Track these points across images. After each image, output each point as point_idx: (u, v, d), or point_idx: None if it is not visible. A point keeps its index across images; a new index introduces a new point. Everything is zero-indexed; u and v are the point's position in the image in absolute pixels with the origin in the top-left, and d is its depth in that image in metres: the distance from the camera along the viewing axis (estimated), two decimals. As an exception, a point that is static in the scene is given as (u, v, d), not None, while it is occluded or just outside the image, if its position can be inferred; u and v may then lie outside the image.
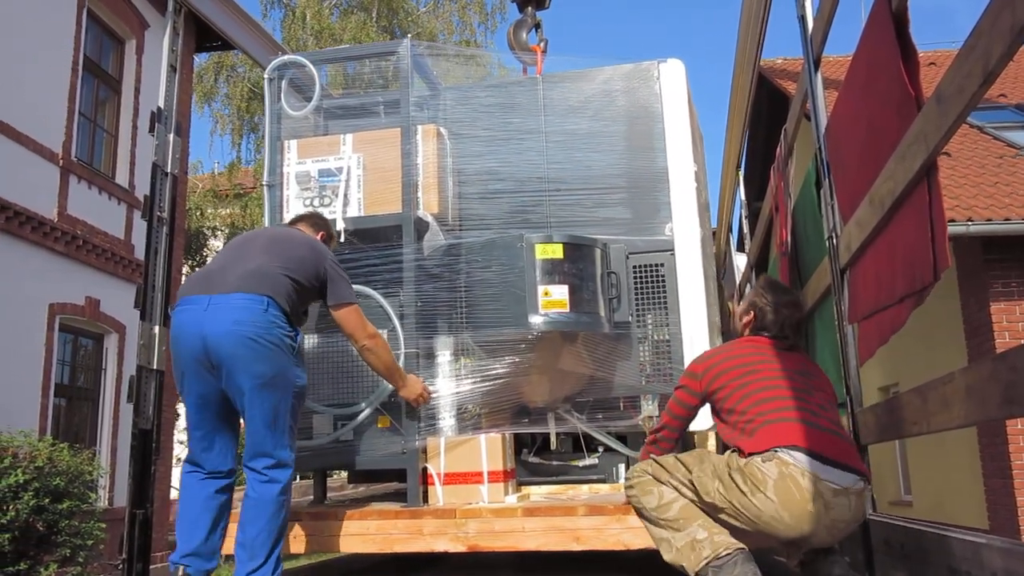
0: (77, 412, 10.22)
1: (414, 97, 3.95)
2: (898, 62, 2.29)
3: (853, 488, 2.46)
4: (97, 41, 10.81)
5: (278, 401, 2.95)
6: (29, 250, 9.10)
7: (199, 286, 3.07)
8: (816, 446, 2.47)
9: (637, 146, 4.05)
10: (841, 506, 2.44)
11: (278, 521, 2.95)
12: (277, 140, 4.07)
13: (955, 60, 1.83)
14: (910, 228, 2.29)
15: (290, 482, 3.03)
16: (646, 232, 3.94)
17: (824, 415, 2.59)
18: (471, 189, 4.13)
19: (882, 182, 2.48)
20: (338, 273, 3.26)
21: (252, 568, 2.88)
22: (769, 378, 2.68)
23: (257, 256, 3.11)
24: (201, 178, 20.81)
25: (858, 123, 2.88)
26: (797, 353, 2.87)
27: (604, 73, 4.18)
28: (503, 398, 3.69)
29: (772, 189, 5.47)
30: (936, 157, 2.09)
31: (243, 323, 2.90)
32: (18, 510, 4.41)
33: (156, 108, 3.62)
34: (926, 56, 13.20)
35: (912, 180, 2.20)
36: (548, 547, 3.27)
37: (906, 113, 2.24)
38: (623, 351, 3.84)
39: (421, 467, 3.61)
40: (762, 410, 2.60)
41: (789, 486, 2.42)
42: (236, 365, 2.88)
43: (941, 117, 1.94)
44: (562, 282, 3.67)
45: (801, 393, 2.63)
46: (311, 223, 3.57)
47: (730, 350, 2.89)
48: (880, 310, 2.64)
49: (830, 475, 2.44)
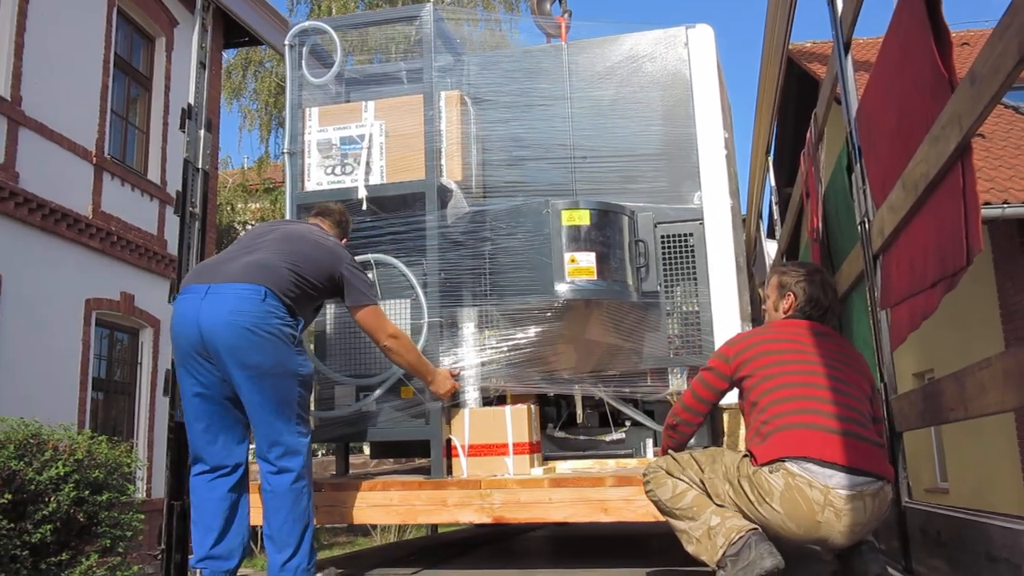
0: (114, 405, 10.39)
1: (437, 63, 3.88)
2: (930, 43, 2.26)
3: (868, 491, 2.41)
4: (128, 39, 10.93)
5: (281, 390, 2.91)
6: (65, 247, 9.25)
7: (201, 275, 3.04)
8: (827, 453, 2.43)
9: (665, 113, 3.97)
10: (855, 510, 2.40)
11: (300, 508, 2.93)
12: (298, 108, 4.01)
13: (989, 39, 1.80)
14: (943, 212, 2.26)
15: (306, 469, 2.97)
16: (674, 201, 3.85)
17: (847, 413, 2.52)
18: (495, 156, 4.06)
19: (915, 165, 2.45)
20: (356, 275, 3.21)
21: (284, 559, 2.88)
22: (796, 371, 2.63)
23: (263, 249, 3.09)
24: (231, 173, 20.99)
25: (890, 106, 2.84)
26: (835, 337, 2.80)
27: (631, 39, 4.10)
28: (529, 369, 3.62)
29: (802, 174, 5.42)
30: (970, 139, 2.06)
31: (240, 312, 2.86)
32: (59, 502, 4.49)
33: (186, 105, 3.66)
34: (959, 36, 12.99)
35: (946, 163, 2.17)
36: (575, 518, 3.22)
37: (939, 95, 2.21)
38: (651, 322, 3.76)
39: (445, 439, 3.54)
40: (779, 411, 2.55)
41: (796, 497, 2.42)
42: (234, 355, 2.85)
43: (975, 98, 1.91)
44: (589, 249, 3.59)
45: (826, 388, 2.56)
46: (334, 222, 3.50)
47: (764, 334, 2.84)
48: (912, 295, 2.60)
49: (841, 482, 2.40)
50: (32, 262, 8.71)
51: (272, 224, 3.41)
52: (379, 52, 4.36)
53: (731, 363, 2.76)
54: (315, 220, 3.50)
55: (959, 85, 2.03)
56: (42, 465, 4.50)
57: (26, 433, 4.60)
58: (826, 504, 2.40)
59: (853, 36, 3.34)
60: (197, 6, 3.82)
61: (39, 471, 4.44)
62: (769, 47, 5.11)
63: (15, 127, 8.65)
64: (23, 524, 4.34)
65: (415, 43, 4.07)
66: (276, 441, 2.93)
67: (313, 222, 3.48)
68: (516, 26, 5.78)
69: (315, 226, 3.41)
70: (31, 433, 4.63)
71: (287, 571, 2.88)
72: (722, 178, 3.86)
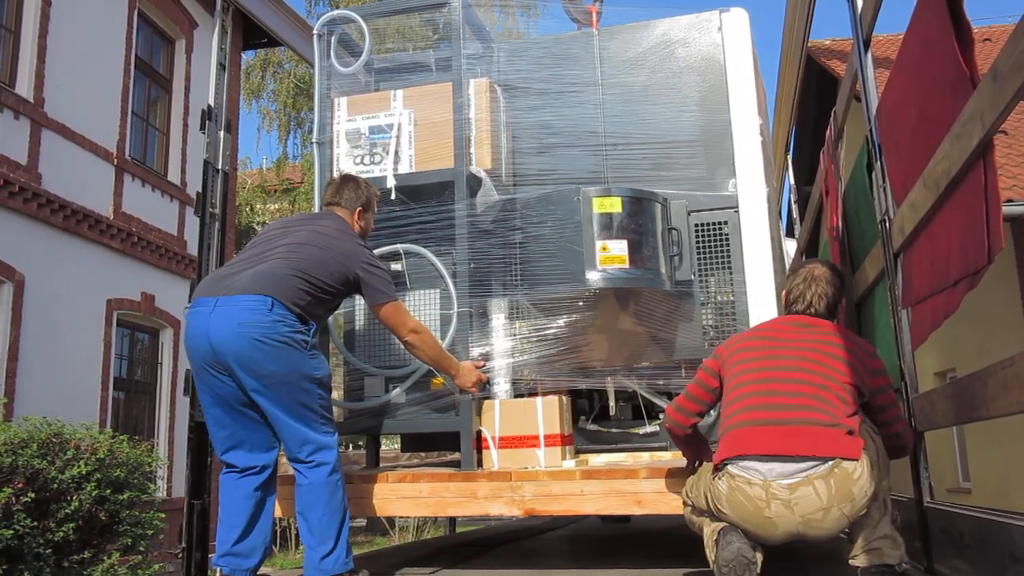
0: (135, 405, 10.47)
1: (466, 51, 3.83)
2: (951, 39, 2.24)
3: (815, 474, 2.37)
4: (148, 41, 11.02)
5: (299, 395, 2.94)
6: (87, 247, 9.34)
7: (210, 288, 3.06)
8: (762, 446, 2.43)
9: (699, 99, 3.89)
10: (805, 498, 2.37)
11: (336, 500, 2.95)
12: (327, 98, 3.99)
13: (1012, 35, 1.78)
14: (964, 209, 2.24)
15: (338, 462, 3.00)
16: (708, 188, 3.77)
17: (794, 401, 2.48)
18: (525, 144, 4.01)
19: (936, 163, 2.43)
20: (372, 273, 3.18)
21: (324, 553, 2.89)
22: (756, 368, 2.62)
23: (273, 258, 3.09)
24: (249, 174, 21.14)
25: (911, 103, 2.82)
26: (820, 328, 2.70)
27: (663, 24, 4.02)
28: (560, 359, 3.56)
29: (822, 173, 5.39)
30: (992, 136, 2.04)
31: (248, 324, 2.88)
32: (81, 500, 4.53)
33: (206, 106, 3.68)
34: (981, 32, 12.87)
35: (967, 160, 2.16)
36: (608, 511, 3.15)
37: (960, 92, 2.19)
38: (685, 311, 3.70)
39: (475, 430, 3.47)
40: (732, 411, 2.59)
41: (739, 498, 2.45)
42: (246, 367, 2.88)
43: (997, 95, 1.90)
44: (621, 237, 3.52)
45: (779, 381, 2.55)
46: (345, 201, 3.39)
47: (748, 333, 2.90)
48: (934, 294, 2.58)
49: (781, 472, 2.39)
50: (54, 262, 8.80)
51: (285, 225, 3.35)
52: (408, 40, 4.33)
53: (719, 359, 2.77)
54: (332, 210, 3.41)
55: (981, 82, 2.01)
56: (64, 464, 4.53)
57: (49, 432, 4.64)
58: (770, 498, 2.40)
59: (873, 33, 3.32)
60: (217, 8, 3.85)
61: (61, 470, 4.48)
62: (788, 45, 5.08)
63: (38, 128, 8.74)
64: (46, 522, 4.38)
65: (444, 31, 4.04)
66: (306, 440, 2.96)
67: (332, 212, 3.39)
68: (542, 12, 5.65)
69: (332, 220, 3.33)
70: (53, 432, 4.67)
71: (327, 563, 2.89)
72: (757, 165, 3.78)
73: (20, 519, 4.16)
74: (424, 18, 4.18)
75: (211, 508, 3.37)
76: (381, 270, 3.24)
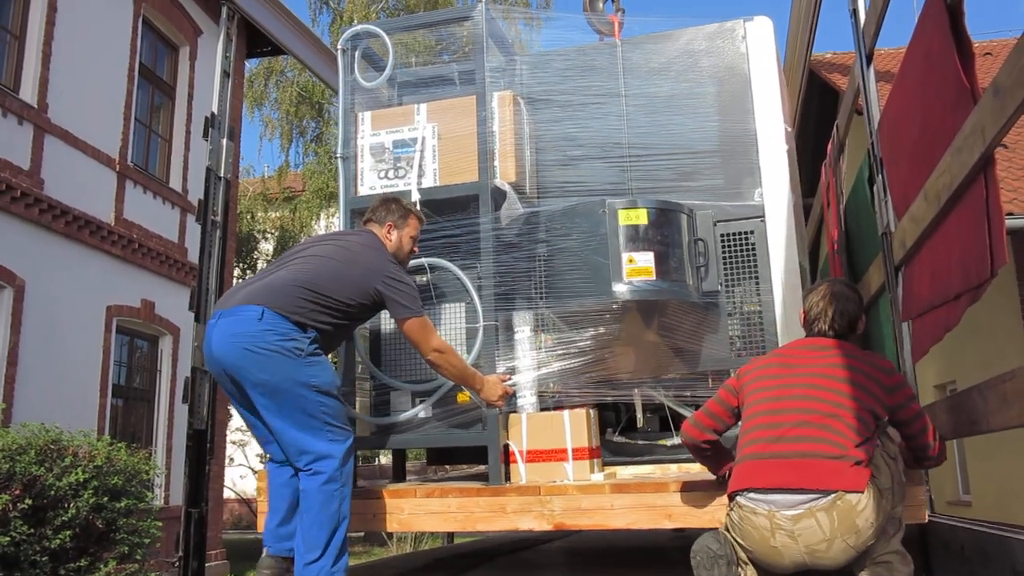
0: (133, 412, 10.46)
1: (489, 63, 3.83)
2: (953, 54, 2.25)
3: (817, 507, 2.37)
4: (152, 48, 11.05)
5: (296, 402, 2.96)
6: (87, 253, 9.34)
7: (220, 302, 3.21)
8: (765, 479, 2.45)
9: (724, 108, 3.88)
10: (808, 530, 2.38)
11: (329, 511, 2.95)
12: (351, 112, 3.99)
13: (1013, 50, 1.78)
14: (966, 223, 2.24)
15: (341, 472, 2.99)
16: (734, 198, 3.75)
17: (801, 432, 2.48)
18: (550, 157, 4.00)
19: (937, 176, 2.43)
20: (395, 289, 3.18)
21: (309, 560, 2.91)
22: (768, 398, 2.62)
23: (283, 269, 3.16)
24: (251, 182, 21.13)
25: (912, 117, 2.83)
26: (834, 350, 2.66)
27: (687, 34, 4.01)
28: (586, 372, 3.54)
29: (823, 185, 5.39)
30: (993, 150, 2.04)
31: (238, 335, 2.98)
32: (78, 508, 4.52)
33: (210, 113, 3.69)
34: (982, 46, 12.89)
35: (969, 174, 2.16)
36: (638, 525, 3.13)
37: (962, 106, 2.19)
38: (712, 322, 3.67)
39: (503, 444, 3.45)
40: (744, 441, 2.61)
41: (747, 528, 2.48)
42: (242, 375, 2.98)
43: (998, 109, 1.90)
44: (647, 249, 3.50)
45: (790, 411, 2.53)
46: (379, 218, 3.43)
47: (767, 358, 2.85)
48: (935, 307, 2.58)
49: (784, 504, 2.41)
50: (54, 268, 8.80)
51: (314, 240, 3.44)
52: (431, 54, 4.32)
53: (740, 380, 2.75)
54: (367, 226, 3.45)
55: (982, 96, 2.01)
56: (62, 471, 4.52)
57: (46, 439, 4.63)
58: (775, 528, 2.41)
59: (875, 47, 3.33)
60: (222, 16, 3.86)
61: (59, 477, 4.47)
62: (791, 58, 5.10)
63: (41, 134, 8.76)
64: (43, 530, 4.36)
65: (467, 44, 4.04)
66: (303, 450, 2.99)
67: (365, 229, 3.44)
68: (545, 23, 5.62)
69: (361, 235, 3.36)
70: (51, 439, 4.66)
71: (310, 571, 2.90)
72: (783, 174, 3.75)
73: (17, 526, 4.15)
74: (448, 31, 4.18)
75: (208, 516, 3.37)
76: (406, 285, 3.23)
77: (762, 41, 3.88)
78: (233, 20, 3.92)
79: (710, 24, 3.99)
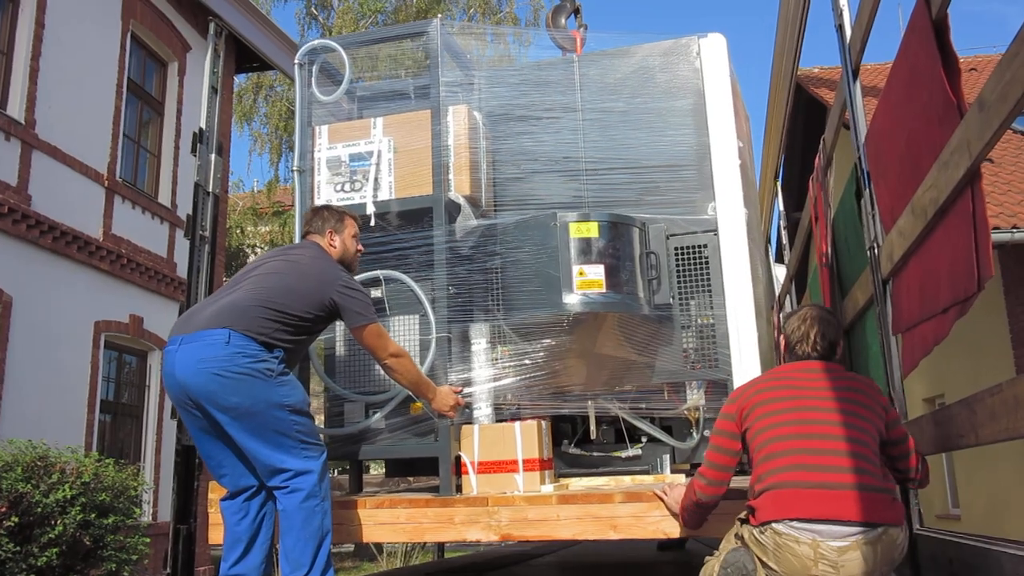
0: (122, 428, 10.39)
1: (445, 78, 3.86)
2: (939, 69, 2.27)
3: (864, 540, 2.35)
4: (141, 64, 11.05)
5: (269, 423, 2.95)
6: (75, 269, 9.30)
7: (179, 326, 3.11)
8: (813, 511, 2.39)
9: (678, 123, 3.91)
10: (852, 561, 2.35)
11: (312, 527, 2.94)
12: (308, 126, 4.00)
13: (998, 67, 1.80)
14: (953, 237, 2.26)
15: (319, 486, 2.99)
16: (688, 212, 3.79)
17: (839, 461, 2.44)
18: (506, 170, 4.03)
19: (924, 191, 2.45)
20: (349, 298, 3.17)
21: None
22: (789, 421, 2.55)
23: (240, 290, 3.11)
24: (241, 196, 21.12)
25: (899, 132, 2.85)
26: (837, 373, 2.67)
27: (643, 50, 4.04)
28: (539, 384, 3.57)
29: (811, 199, 5.42)
30: (979, 165, 2.06)
31: (207, 360, 2.92)
32: (65, 524, 4.48)
33: (198, 129, 3.69)
34: (967, 61, 13.01)
35: (955, 188, 2.17)
36: (584, 536, 3.15)
37: (948, 121, 2.21)
38: (665, 335, 3.70)
39: (454, 455, 3.48)
40: (769, 468, 2.50)
41: (787, 556, 2.41)
42: (211, 401, 2.93)
43: (984, 124, 1.92)
44: (598, 261, 3.55)
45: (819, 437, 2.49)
46: (317, 228, 3.40)
47: (763, 382, 2.77)
48: (923, 321, 2.59)
49: (831, 534, 2.36)
50: (42, 284, 8.76)
51: (262, 259, 3.38)
52: (389, 69, 4.36)
53: (736, 419, 2.68)
54: (308, 238, 3.43)
55: (968, 111, 2.03)
56: (49, 488, 4.49)
57: (34, 455, 4.60)
58: (818, 558, 2.37)
59: (861, 62, 3.35)
60: (210, 32, 3.87)
61: (46, 494, 4.44)
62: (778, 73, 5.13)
63: (28, 150, 8.73)
64: (29, 547, 4.33)
65: (424, 59, 4.07)
66: (279, 468, 2.97)
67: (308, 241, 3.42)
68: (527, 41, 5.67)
69: (306, 248, 3.35)
70: (39, 455, 4.63)
71: None
72: (737, 188, 3.79)
73: (3, 543, 4.12)
74: (405, 47, 4.21)
75: (197, 533, 3.35)
76: (360, 293, 3.24)
77: (716, 57, 3.94)
78: (221, 36, 3.92)
79: (665, 40, 4.04)
